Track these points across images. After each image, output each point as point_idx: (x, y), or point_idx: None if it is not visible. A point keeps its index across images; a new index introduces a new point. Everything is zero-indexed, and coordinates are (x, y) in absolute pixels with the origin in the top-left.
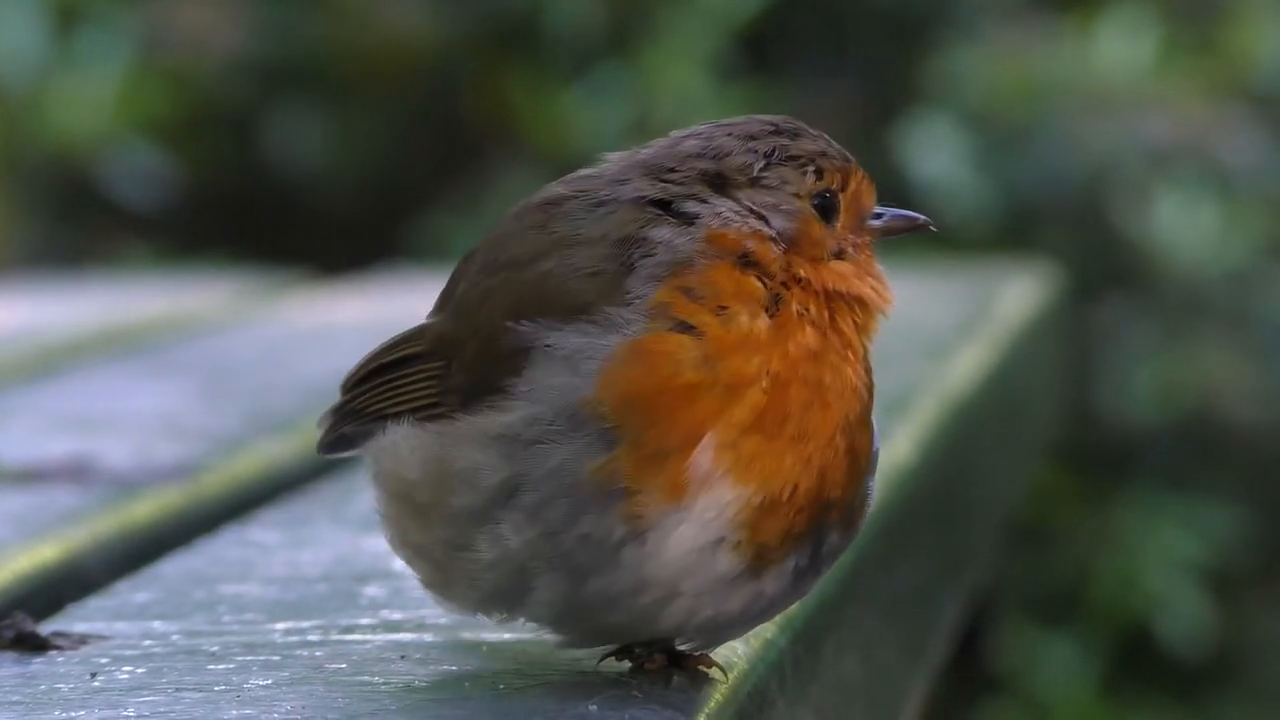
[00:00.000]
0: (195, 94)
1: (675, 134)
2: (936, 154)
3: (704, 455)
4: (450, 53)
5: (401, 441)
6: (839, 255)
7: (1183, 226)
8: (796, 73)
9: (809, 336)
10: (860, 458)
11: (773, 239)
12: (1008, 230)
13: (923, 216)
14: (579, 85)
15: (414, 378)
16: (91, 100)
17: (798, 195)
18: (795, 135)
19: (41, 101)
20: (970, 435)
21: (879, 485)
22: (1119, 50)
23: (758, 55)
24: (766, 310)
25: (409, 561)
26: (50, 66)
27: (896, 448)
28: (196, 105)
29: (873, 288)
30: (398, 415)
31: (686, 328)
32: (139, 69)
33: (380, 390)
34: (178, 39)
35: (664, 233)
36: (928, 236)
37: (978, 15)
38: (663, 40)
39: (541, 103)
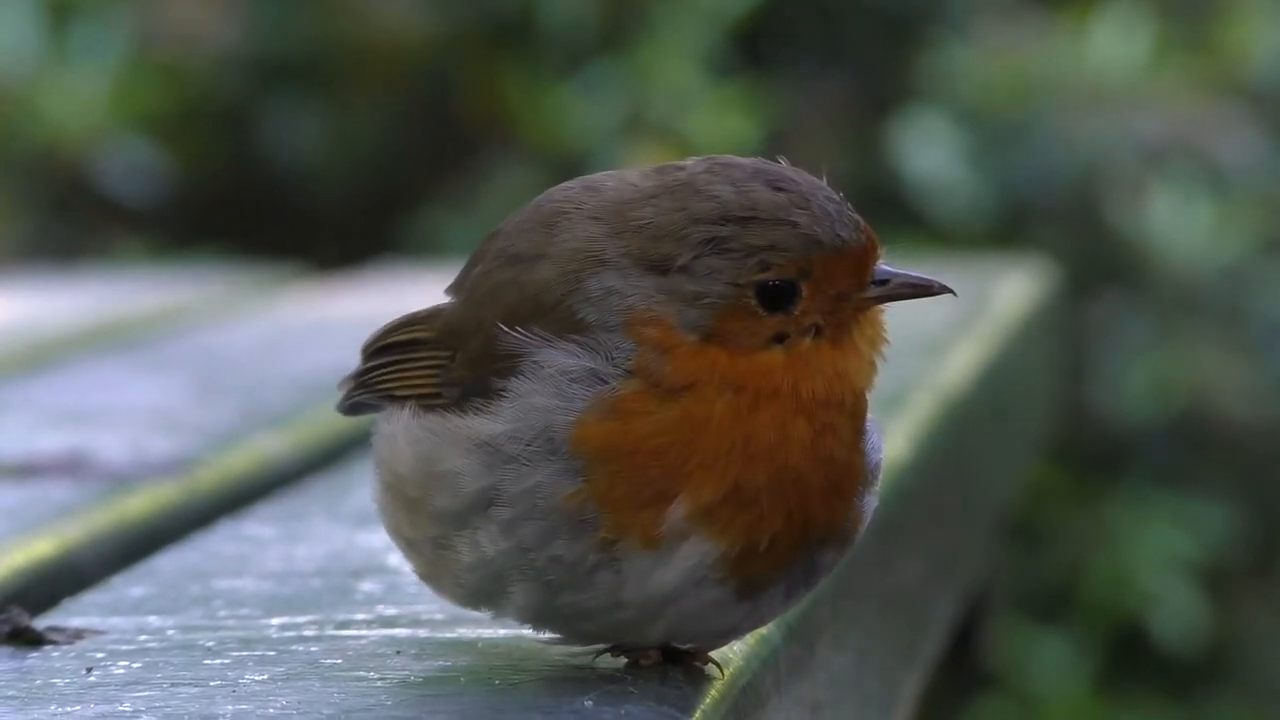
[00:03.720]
0: (189, 89)
1: (681, 174)
2: (930, 151)
3: (677, 514)
4: (445, 48)
5: (401, 432)
6: (817, 333)
7: (1177, 223)
8: (790, 70)
9: (769, 426)
10: (849, 494)
11: (682, 330)
12: (1002, 227)
13: (937, 281)
14: (573, 82)
15: (420, 363)
16: (85, 95)
17: (735, 284)
18: (746, 223)
19: (35, 96)
20: (965, 432)
21: None
22: (1113, 47)
23: (752, 52)
24: (728, 391)
25: (403, 553)
26: (44, 61)
27: (892, 445)
28: (190, 100)
29: (838, 372)
30: (402, 399)
31: (657, 385)
32: (133, 64)
33: (389, 370)
34: (171, 34)
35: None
36: (921, 233)
37: (971, 12)
38: (657, 37)
39: (536, 99)
